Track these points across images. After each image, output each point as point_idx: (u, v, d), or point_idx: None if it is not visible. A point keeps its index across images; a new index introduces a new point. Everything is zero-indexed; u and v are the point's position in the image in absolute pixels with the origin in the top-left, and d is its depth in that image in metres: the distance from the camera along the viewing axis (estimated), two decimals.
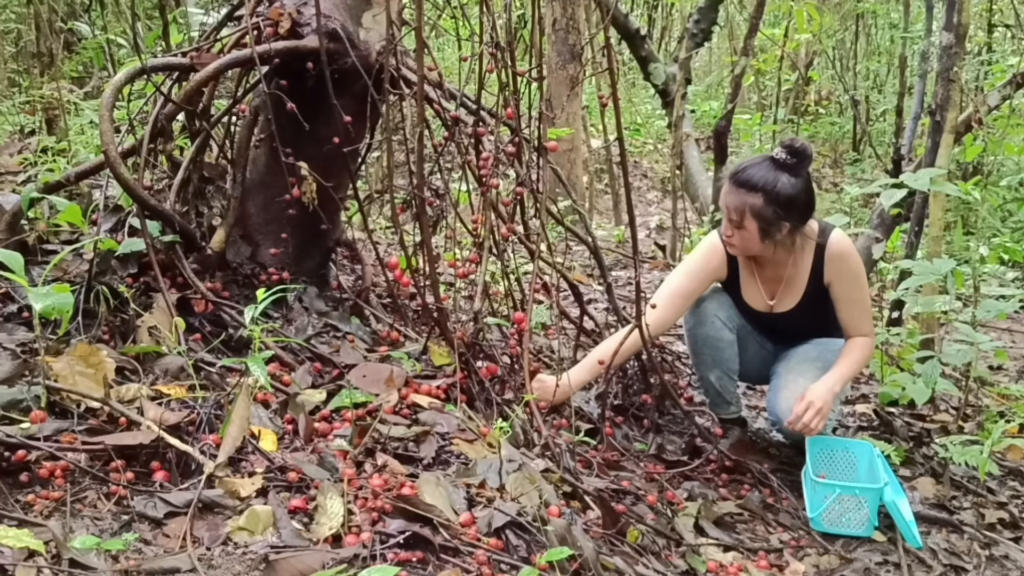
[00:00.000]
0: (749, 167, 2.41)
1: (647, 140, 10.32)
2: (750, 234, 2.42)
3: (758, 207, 2.36)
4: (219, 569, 1.43)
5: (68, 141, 3.92)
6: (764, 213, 2.37)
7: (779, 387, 2.58)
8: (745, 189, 2.37)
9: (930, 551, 2.29)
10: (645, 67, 5.62)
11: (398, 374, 2.19)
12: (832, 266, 2.50)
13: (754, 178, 2.37)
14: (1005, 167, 7.76)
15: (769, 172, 2.37)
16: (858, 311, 2.54)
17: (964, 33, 3.49)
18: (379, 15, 2.52)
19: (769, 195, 2.35)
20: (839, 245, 2.49)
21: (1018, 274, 5.39)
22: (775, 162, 2.39)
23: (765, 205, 2.36)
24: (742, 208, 2.38)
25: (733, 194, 2.40)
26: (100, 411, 1.77)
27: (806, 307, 2.59)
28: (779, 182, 2.35)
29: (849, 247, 2.52)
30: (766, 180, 2.35)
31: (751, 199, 2.37)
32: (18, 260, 1.80)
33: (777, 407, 2.55)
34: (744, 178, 2.38)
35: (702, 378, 2.79)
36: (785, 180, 2.36)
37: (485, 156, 2.44)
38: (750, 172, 2.38)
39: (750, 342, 2.73)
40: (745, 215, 2.38)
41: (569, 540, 1.61)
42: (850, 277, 2.51)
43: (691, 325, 2.69)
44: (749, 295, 2.66)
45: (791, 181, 2.37)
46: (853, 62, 10.20)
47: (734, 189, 2.40)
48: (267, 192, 2.57)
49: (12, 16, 6.08)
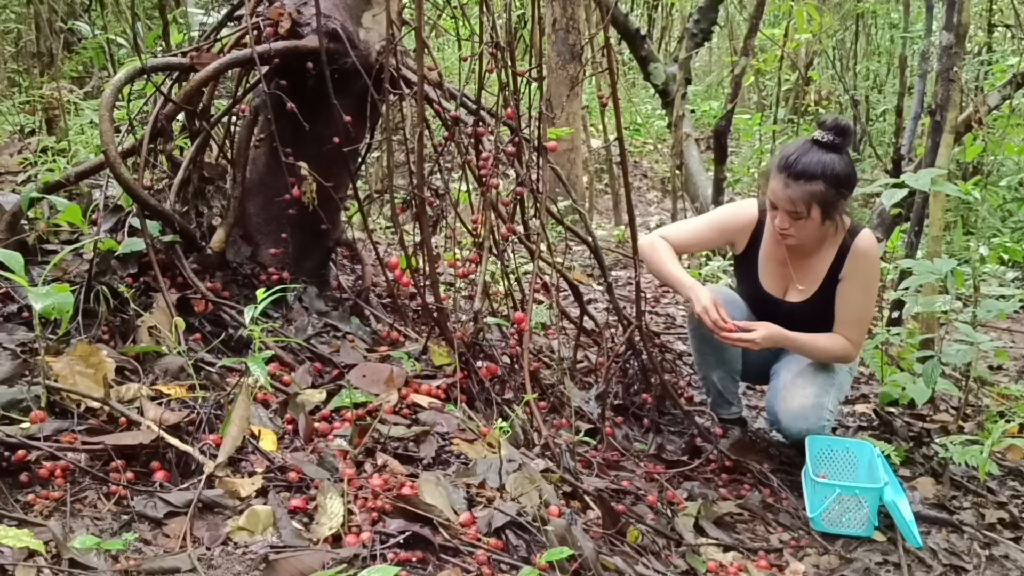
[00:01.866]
0: (800, 156, 2.35)
1: (647, 140, 10.32)
2: (813, 221, 2.39)
3: (821, 193, 2.34)
4: (219, 569, 1.43)
5: (68, 141, 3.92)
6: (827, 197, 2.35)
7: (779, 388, 2.58)
8: (805, 179, 2.33)
9: (930, 551, 2.29)
10: (645, 67, 5.62)
11: (398, 374, 2.19)
12: (852, 260, 2.48)
13: (811, 166, 2.33)
14: (1005, 167, 7.76)
15: (821, 156, 2.34)
16: (854, 313, 2.51)
17: (964, 33, 3.49)
18: (379, 15, 2.52)
19: (829, 179, 2.33)
20: (866, 243, 2.48)
21: (1018, 274, 5.39)
22: (820, 144, 2.36)
23: (827, 189, 2.34)
24: (807, 199, 2.35)
25: (793, 187, 2.35)
26: (100, 411, 1.77)
27: (817, 301, 2.58)
28: (835, 164, 2.34)
29: (874, 248, 2.50)
30: (824, 165, 2.33)
31: (814, 187, 2.33)
32: (18, 260, 1.80)
33: (776, 408, 2.56)
34: (801, 169, 2.34)
35: (704, 378, 2.78)
36: (837, 160, 2.35)
37: (485, 156, 2.44)
38: (804, 161, 2.34)
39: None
40: (812, 204, 2.35)
41: (569, 540, 1.61)
42: (863, 279, 2.49)
43: (696, 325, 2.66)
44: (766, 277, 2.64)
45: (841, 159, 2.36)
46: (853, 62, 10.19)
47: (792, 182, 2.35)
48: (267, 192, 2.57)
49: (12, 16, 6.08)
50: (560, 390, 2.59)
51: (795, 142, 2.45)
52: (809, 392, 2.52)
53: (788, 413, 2.50)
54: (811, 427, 2.49)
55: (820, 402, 2.50)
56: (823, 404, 2.50)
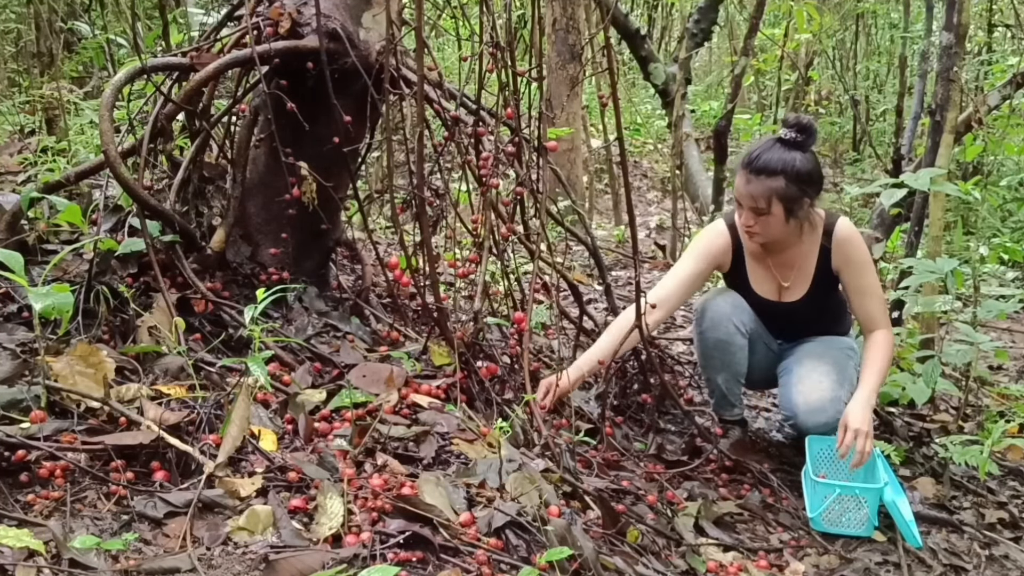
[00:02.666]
0: (761, 152, 2.40)
1: (647, 140, 10.32)
2: (776, 218, 2.42)
3: (782, 189, 2.37)
4: (219, 569, 1.43)
5: (68, 141, 3.92)
6: (788, 193, 2.38)
7: (792, 382, 2.55)
8: (766, 175, 2.37)
9: (930, 551, 2.29)
10: (645, 67, 5.62)
11: (398, 374, 2.19)
12: (840, 251, 2.50)
13: (772, 162, 2.38)
14: (1005, 167, 7.75)
15: (783, 153, 2.39)
16: (870, 300, 2.52)
17: (964, 33, 3.49)
18: (379, 15, 2.52)
19: (790, 175, 2.37)
20: (846, 230, 2.51)
21: (1018, 274, 5.39)
22: (784, 142, 2.40)
23: (788, 185, 2.37)
24: (768, 194, 2.38)
25: (754, 182, 2.39)
26: (100, 411, 1.77)
27: (814, 297, 2.58)
28: (796, 160, 2.38)
29: (855, 232, 2.53)
30: (784, 161, 2.37)
31: (774, 183, 2.37)
32: (18, 260, 1.80)
33: (793, 401, 2.52)
34: (762, 164, 2.38)
35: (709, 380, 2.77)
36: (799, 157, 2.39)
37: (485, 156, 2.44)
38: (765, 157, 2.38)
39: (759, 345, 2.70)
40: (772, 200, 2.39)
41: (569, 540, 1.61)
42: (859, 263, 2.51)
43: (703, 328, 2.64)
44: (758, 283, 2.64)
45: (804, 157, 2.40)
46: (853, 62, 10.20)
47: (753, 177, 2.39)
48: (267, 192, 2.57)
49: (12, 16, 6.08)
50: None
51: (760, 139, 2.49)
52: (826, 386, 2.51)
53: (807, 407, 2.48)
54: (830, 420, 2.48)
55: (837, 395, 2.50)
56: (840, 397, 2.50)
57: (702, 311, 2.65)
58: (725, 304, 2.63)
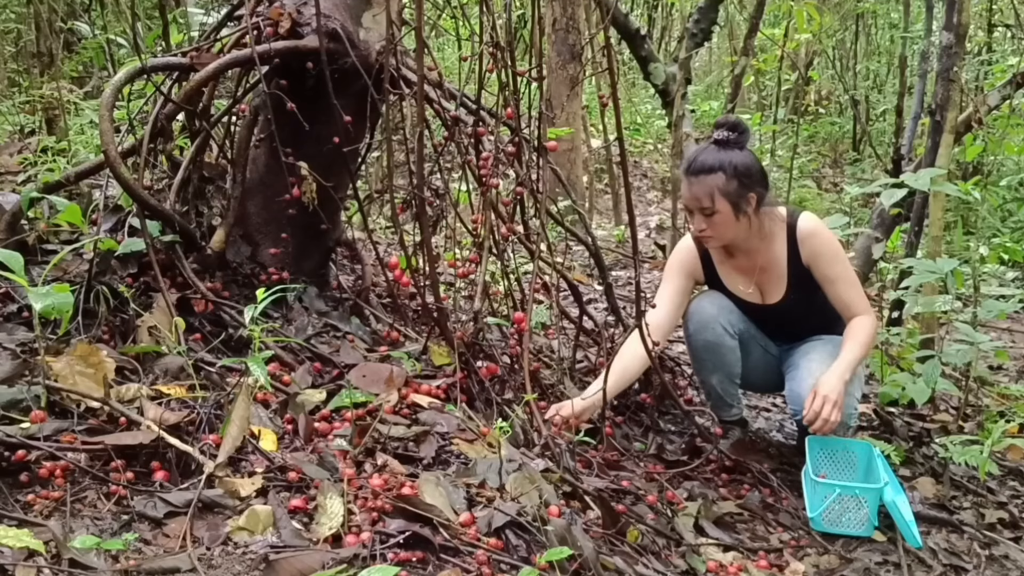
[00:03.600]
0: (697, 156, 2.49)
1: (647, 140, 10.32)
2: (724, 216, 2.46)
3: (723, 184, 2.43)
4: (219, 569, 1.43)
5: (68, 141, 3.92)
6: (730, 188, 2.44)
7: (800, 377, 2.53)
8: (704, 174, 2.44)
9: (930, 551, 2.29)
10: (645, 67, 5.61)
11: (398, 374, 2.19)
12: (806, 246, 2.52)
13: (708, 162, 2.45)
14: (1005, 167, 7.76)
15: (719, 152, 2.46)
16: (845, 288, 2.53)
17: (964, 33, 3.49)
18: (379, 15, 2.52)
19: (727, 170, 2.44)
20: (808, 224, 2.54)
21: (1018, 274, 5.39)
22: (719, 143, 2.48)
23: (728, 180, 2.43)
24: (710, 192, 2.44)
25: (695, 184, 2.46)
26: (100, 411, 1.77)
27: (797, 297, 2.58)
28: (733, 157, 2.45)
29: (819, 225, 2.55)
30: (719, 159, 2.45)
31: (713, 180, 2.43)
32: (18, 260, 1.80)
33: (800, 396, 2.48)
34: (699, 165, 2.46)
35: (703, 382, 2.76)
36: (736, 154, 2.46)
37: (485, 156, 2.44)
38: (701, 159, 2.47)
39: (753, 346, 2.70)
40: (715, 197, 2.44)
41: (569, 540, 1.61)
42: (827, 254, 2.52)
43: (691, 331, 2.66)
44: (736, 288, 2.66)
45: (741, 154, 2.47)
46: (853, 62, 10.20)
47: (694, 179, 2.47)
48: (267, 192, 2.57)
49: (12, 16, 6.08)
50: (560, 390, 2.59)
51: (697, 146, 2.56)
52: None
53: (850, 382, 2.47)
54: (843, 416, 2.47)
55: (848, 390, 2.49)
56: (850, 392, 2.49)
57: (689, 314, 2.65)
58: (711, 306, 2.63)
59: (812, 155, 10.38)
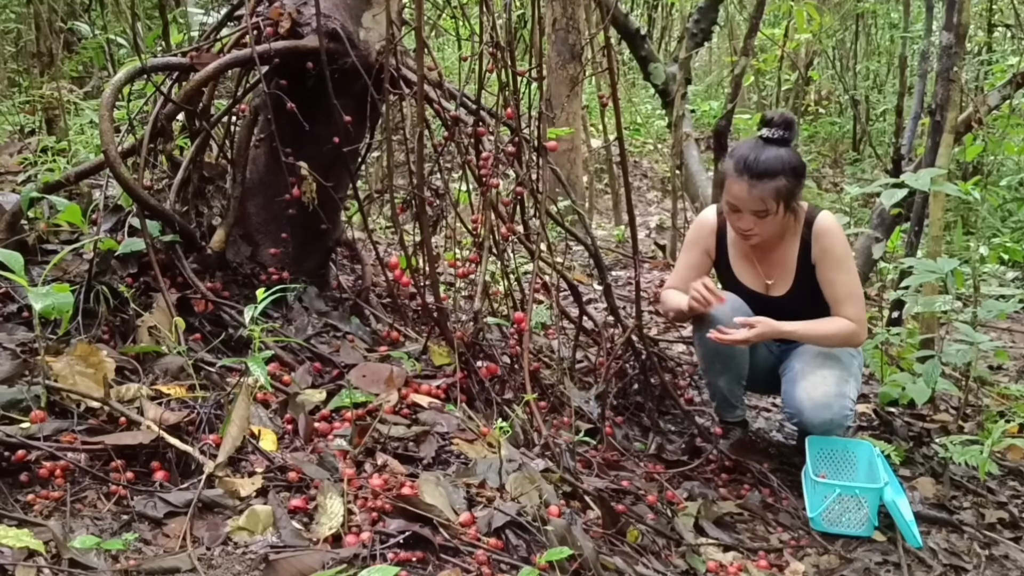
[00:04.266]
0: (757, 156, 2.41)
1: (647, 140, 10.31)
2: (776, 217, 2.44)
3: (785, 187, 2.40)
4: (219, 569, 1.43)
5: (68, 141, 3.92)
6: (788, 189, 2.42)
7: (796, 379, 2.53)
8: (768, 177, 2.39)
9: (930, 551, 2.29)
10: (645, 67, 5.62)
11: (398, 374, 2.19)
12: (818, 243, 2.52)
13: (771, 163, 2.39)
14: (1005, 167, 7.76)
15: (776, 152, 2.41)
16: (842, 291, 2.51)
17: (964, 33, 3.49)
18: (379, 15, 2.52)
19: (787, 172, 2.40)
20: (826, 223, 2.52)
21: (1018, 274, 5.39)
22: (771, 141, 2.43)
23: (787, 182, 2.41)
24: (774, 195, 2.40)
25: (758, 186, 2.39)
26: (100, 411, 1.77)
27: (802, 292, 2.58)
28: (790, 157, 2.42)
29: (835, 226, 2.54)
30: (780, 159, 2.40)
31: (777, 183, 2.39)
32: (18, 260, 1.80)
33: (799, 399, 2.50)
34: (763, 168, 2.39)
35: (710, 383, 2.76)
36: (788, 152, 2.43)
37: (485, 156, 2.44)
38: (763, 161, 2.40)
39: (759, 348, 2.68)
40: (778, 200, 2.41)
41: (569, 540, 1.61)
42: (834, 256, 2.51)
43: (703, 333, 2.61)
44: (743, 274, 2.66)
45: (792, 151, 2.45)
46: (853, 62, 10.20)
47: (757, 182, 2.39)
48: (267, 192, 2.57)
49: (12, 16, 6.08)
50: (560, 390, 2.59)
51: (745, 143, 2.50)
52: (830, 381, 2.49)
53: (812, 402, 2.46)
54: (835, 416, 2.46)
55: (842, 391, 2.49)
56: (845, 393, 2.49)
57: (702, 316, 2.63)
58: (726, 308, 2.61)
59: (812, 155, 10.38)
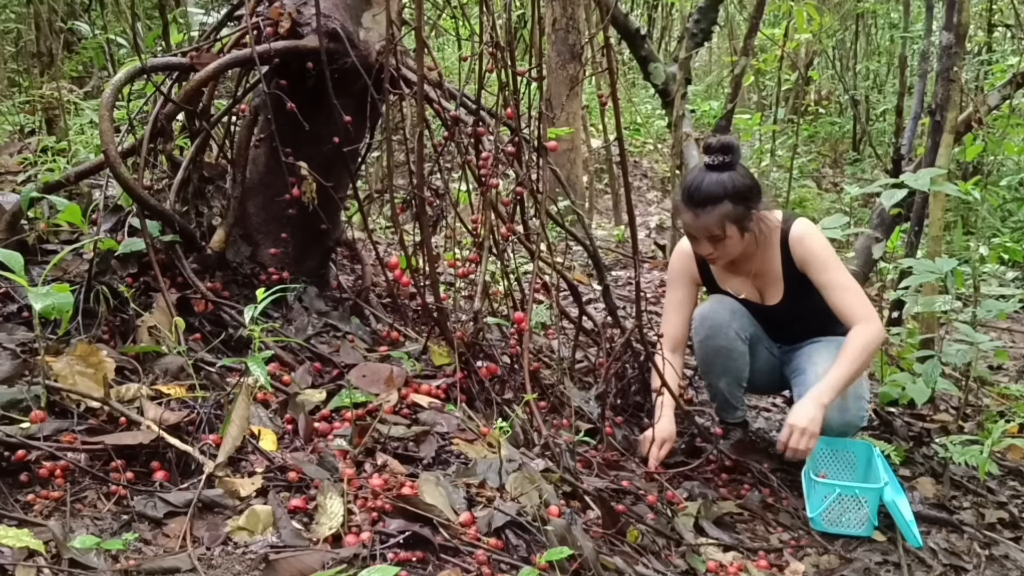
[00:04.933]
0: (698, 185, 2.43)
1: (647, 140, 10.31)
2: (732, 239, 2.46)
3: (731, 211, 2.42)
4: (219, 569, 1.43)
5: (68, 141, 3.91)
6: (736, 213, 2.43)
7: (809, 381, 2.50)
8: (710, 205, 2.41)
9: (930, 551, 2.30)
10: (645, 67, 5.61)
11: (398, 374, 2.19)
12: (797, 250, 2.51)
13: (711, 190, 2.42)
14: (1005, 167, 7.76)
15: (717, 177, 2.43)
16: (840, 295, 2.48)
17: (964, 33, 3.49)
18: (379, 15, 2.52)
19: (731, 195, 2.41)
20: (800, 229, 2.52)
21: (1018, 274, 5.39)
22: (713, 168, 2.44)
23: (734, 207, 2.42)
24: (719, 221, 2.42)
25: (703, 215, 2.43)
26: (100, 411, 1.77)
27: (795, 299, 2.58)
28: (733, 181, 2.43)
29: (808, 230, 2.53)
30: (722, 185, 2.42)
31: (721, 209, 2.41)
32: (18, 260, 1.80)
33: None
34: (703, 196, 2.42)
35: (710, 385, 2.76)
36: (732, 176, 2.43)
37: (485, 156, 2.44)
38: (704, 189, 2.42)
39: (759, 349, 2.69)
40: (724, 225, 2.43)
41: (569, 540, 1.61)
42: (816, 261, 2.50)
43: (702, 336, 2.63)
44: (734, 288, 2.67)
45: (738, 175, 2.45)
46: (853, 62, 10.20)
47: (700, 212, 2.43)
48: (267, 192, 2.57)
49: (12, 16, 6.08)
50: (560, 390, 2.59)
51: (691, 171, 2.54)
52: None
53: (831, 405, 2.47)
54: (853, 418, 2.47)
55: (858, 392, 2.49)
56: (861, 394, 2.50)
57: (701, 319, 2.63)
58: (724, 311, 2.62)
59: (812, 155, 10.38)
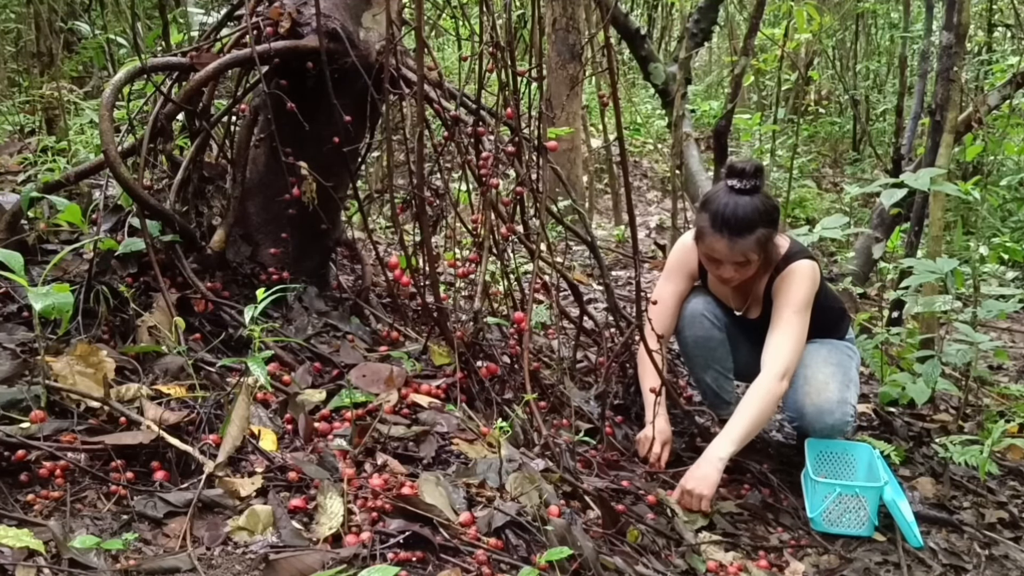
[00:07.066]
0: (734, 211, 2.34)
1: (647, 140, 10.31)
2: (755, 263, 2.42)
3: (764, 236, 2.37)
4: (219, 569, 1.43)
5: (68, 141, 3.91)
6: (767, 236, 2.39)
7: (798, 384, 2.50)
8: (748, 232, 2.34)
9: (930, 551, 2.30)
10: (645, 67, 5.62)
11: (398, 374, 2.19)
12: (783, 280, 2.47)
13: (748, 217, 2.34)
14: (1005, 167, 7.75)
15: (751, 202, 2.35)
16: (782, 337, 2.42)
17: (964, 33, 3.49)
18: (379, 15, 2.52)
19: (765, 222, 2.37)
20: (802, 268, 2.46)
21: (1018, 274, 5.39)
22: (743, 192, 2.36)
23: (765, 230, 2.37)
24: (755, 248, 2.37)
25: (740, 242, 2.35)
26: (100, 411, 1.77)
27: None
28: (764, 205, 2.37)
29: (806, 275, 2.45)
30: (758, 212, 2.35)
31: (758, 235, 2.36)
32: (18, 260, 1.80)
33: (802, 403, 2.50)
34: (741, 224, 2.34)
35: (698, 380, 2.77)
36: (763, 200, 2.38)
37: (485, 156, 2.44)
38: (741, 216, 2.34)
39: (741, 340, 2.70)
40: (758, 251, 2.38)
41: (569, 540, 1.61)
42: (790, 296, 2.43)
43: (680, 327, 2.66)
44: (721, 295, 2.68)
45: (764, 198, 2.39)
46: (853, 62, 10.19)
47: (737, 239, 2.34)
48: (267, 192, 2.57)
49: (12, 16, 6.08)
50: (560, 390, 2.59)
51: (716, 196, 2.41)
52: (833, 387, 2.49)
53: (815, 408, 2.46)
54: (837, 422, 2.47)
55: (844, 397, 2.49)
56: (847, 399, 2.49)
57: (681, 312, 2.65)
58: (697, 302, 2.64)
59: (812, 155, 10.38)
